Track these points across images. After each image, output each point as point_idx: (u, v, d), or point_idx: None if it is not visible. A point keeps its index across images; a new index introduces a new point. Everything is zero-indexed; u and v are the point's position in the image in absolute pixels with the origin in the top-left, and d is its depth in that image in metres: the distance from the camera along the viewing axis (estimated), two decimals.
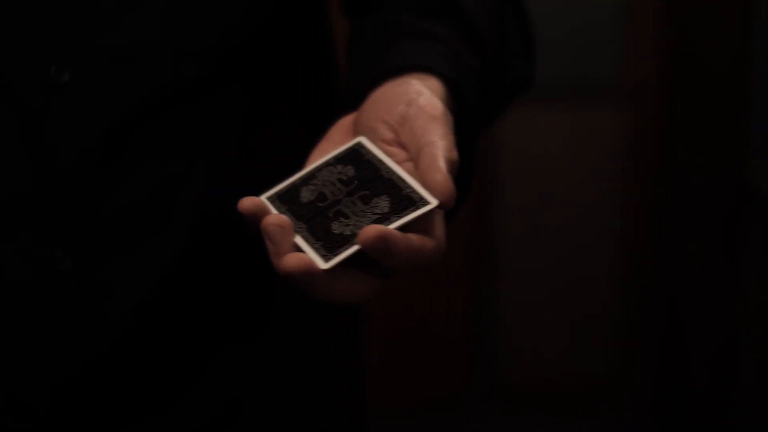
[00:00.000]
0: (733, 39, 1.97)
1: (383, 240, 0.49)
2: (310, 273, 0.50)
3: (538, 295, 2.49)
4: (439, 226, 0.53)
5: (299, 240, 0.54)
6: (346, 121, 0.61)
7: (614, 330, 2.50)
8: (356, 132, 0.59)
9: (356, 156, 0.58)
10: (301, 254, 0.51)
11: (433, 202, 0.52)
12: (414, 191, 0.53)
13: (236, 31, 0.67)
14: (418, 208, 0.52)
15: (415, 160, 0.55)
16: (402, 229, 0.52)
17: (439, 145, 0.53)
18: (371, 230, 0.49)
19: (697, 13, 2.16)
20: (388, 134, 0.57)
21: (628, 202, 2.42)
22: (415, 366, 2.47)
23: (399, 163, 0.56)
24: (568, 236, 2.46)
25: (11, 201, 0.65)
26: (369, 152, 0.57)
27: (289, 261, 0.50)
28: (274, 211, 0.56)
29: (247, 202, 0.54)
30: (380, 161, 0.56)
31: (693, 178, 2.22)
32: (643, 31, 2.32)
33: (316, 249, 0.53)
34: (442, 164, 0.52)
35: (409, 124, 0.55)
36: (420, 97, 0.56)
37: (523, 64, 0.75)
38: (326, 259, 0.52)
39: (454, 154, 0.53)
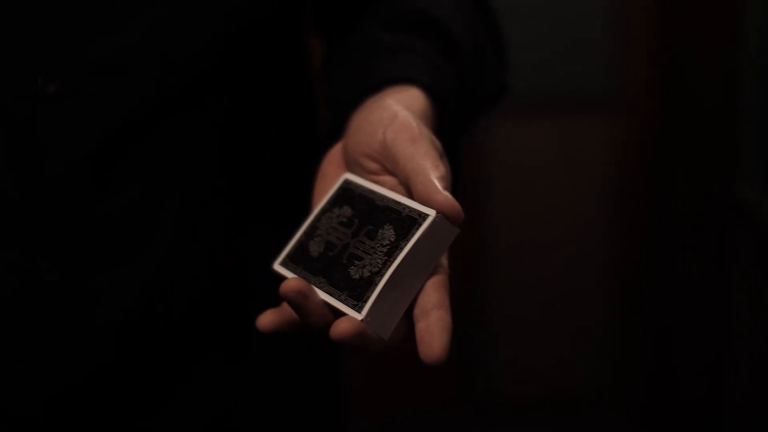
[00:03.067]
0: (723, 54, 1.98)
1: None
2: (361, 335, 0.49)
3: (530, 306, 2.49)
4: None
5: (324, 296, 0.53)
6: (335, 154, 0.61)
7: (606, 341, 2.50)
8: (346, 164, 0.59)
9: (348, 194, 0.57)
10: (342, 320, 0.50)
11: (432, 213, 0.52)
12: (412, 210, 0.53)
13: (219, 40, 0.67)
14: (421, 224, 0.52)
15: (407, 188, 0.54)
16: (421, 250, 0.51)
17: (425, 167, 0.53)
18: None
19: (688, 28, 2.17)
20: (373, 165, 0.57)
21: (619, 214, 2.43)
22: (406, 377, 2.46)
23: (391, 189, 0.55)
24: (559, 247, 2.46)
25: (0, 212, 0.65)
26: (358, 186, 0.57)
27: (336, 330, 0.49)
28: (290, 275, 0.55)
29: (288, 286, 0.52)
30: (372, 192, 0.56)
31: (683, 191, 2.22)
32: (635, 44, 2.32)
33: (344, 301, 0.52)
34: (435, 185, 0.52)
35: (390, 152, 0.55)
36: (395, 121, 0.56)
37: (498, 71, 0.75)
38: (358, 308, 0.51)
39: (442, 168, 0.53)
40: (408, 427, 2.43)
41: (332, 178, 0.59)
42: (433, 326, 0.49)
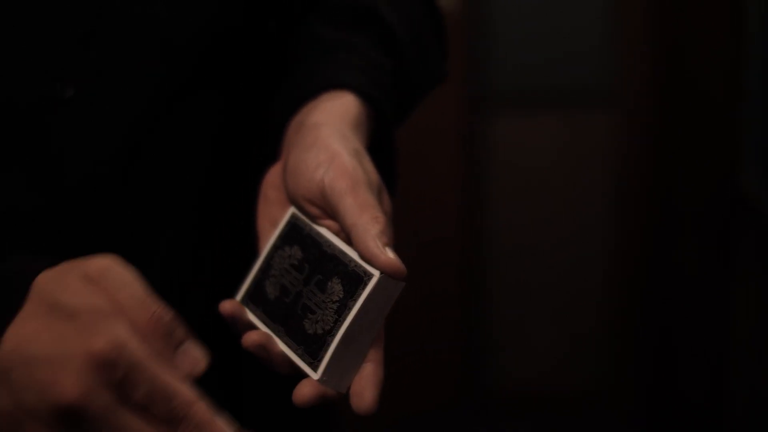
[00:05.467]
0: (725, 45, 1.97)
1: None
2: (322, 396, 0.54)
3: (531, 305, 2.49)
4: None
5: (284, 348, 0.56)
6: (274, 175, 0.63)
7: (608, 339, 2.50)
8: (289, 200, 0.61)
9: (296, 233, 0.60)
10: (302, 385, 0.54)
11: (376, 274, 0.54)
12: (358, 265, 0.55)
13: (215, 28, 0.67)
14: (366, 283, 0.54)
15: (349, 239, 0.56)
16: (369, 308, 0.55)
17: (365, 224, 0.55)
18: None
19: (688, 20, 2.16)
20: (315, 210, 0.58)
21: (621, 209, 2.42)
22: (406, 377, 2.46)
23: (336, 233, 0.58)
24: (561, 243, 2.46)
25: (16, 221, 0.64)
26: (306, 225, 0.59)
27: (298, 396, 0.54)
28: (249, 314, 0.59)
29: (226, 306, 0.57)
30: (319, 235, 0.58)
31: (686, 184, 2.22)
32: (635, 38, 2.32)
33: (301, 356, 0.56)
34: (376, 245, 0.54)
35: (329, 201, 0.57)
36: (332, 164, 0.57)
37: (438, 61, 0.77)
38: (314, 367, 0.55)
39: (381, 219, 0.55)
40: (408, 427, 2.43)
41: (273, 201, 0.62)
42: (364, 380, 0.54)
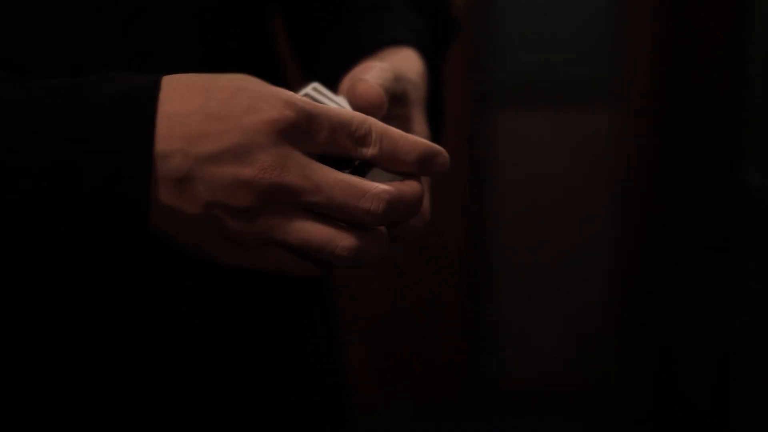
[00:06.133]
0: (728, 40, 1.97)
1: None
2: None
3: (533, 304, 2.48)
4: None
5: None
6: None
7: (609, 339, 2.49)
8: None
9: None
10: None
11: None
12: None
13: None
14: None
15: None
16: None
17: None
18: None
19: (692, 17, 2.16)
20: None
21: (624, 208, 2.42)
22: (410, 374, 2.46)
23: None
24: (565, 239, 2.45)
25: None
26: (324, 97, 0.58)
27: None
28: None
29: None
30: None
31: (690, 183, 2.21)
32: (639, 35, 2.31)
33: None
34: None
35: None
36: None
37: (451, 14, 0.81)
38: None
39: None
40: (411, 425, 2.43)
41: None
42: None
